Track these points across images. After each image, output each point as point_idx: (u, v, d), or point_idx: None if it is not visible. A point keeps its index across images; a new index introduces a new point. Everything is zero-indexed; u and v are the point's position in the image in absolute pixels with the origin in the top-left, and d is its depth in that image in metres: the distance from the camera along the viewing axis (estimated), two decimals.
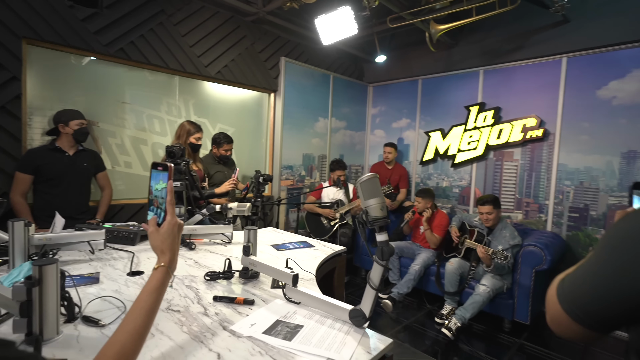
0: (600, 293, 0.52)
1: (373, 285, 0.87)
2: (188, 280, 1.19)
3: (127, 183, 2.88)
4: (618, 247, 0.51)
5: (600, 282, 0.52)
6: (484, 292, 2.72)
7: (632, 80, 2.83)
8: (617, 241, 0.52)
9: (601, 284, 0.52)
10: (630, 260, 0.49)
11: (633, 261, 0.48)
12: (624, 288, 0.49)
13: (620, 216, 0.56)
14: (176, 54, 2.93)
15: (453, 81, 3.95)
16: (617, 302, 0.50)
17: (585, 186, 3.09)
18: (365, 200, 0.85)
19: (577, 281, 0.57)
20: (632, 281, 0.48)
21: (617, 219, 0.54)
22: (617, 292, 0.50)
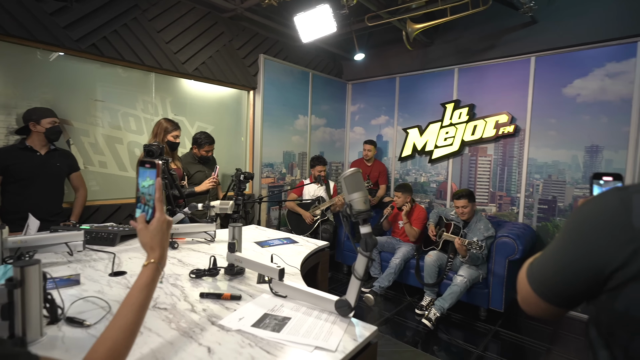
0: (564, 273, 0.57)
1: (358, 276, 0.90)
2: (173, 279, 1.19)
3: (102, 183, 2.79)
4: (577, 232, 0.56)
5: (563, 263, 0.58)
6: (461, 283, 2.83)
7: (594, 79, 3.00)
8: (577, 226, 0.57)
9: (564, 265, 0.57)
10: (588, 243, 0.54)
11: (590, 244, 0.53)
12: (583, 268, 0.54)
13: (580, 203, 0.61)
14: (152, 50, 2.86)
15: (429, 79, 4.05)
16: (578, 280, 0.55)
17: (553, 179, 3.26)
18: (349, 194, 0.88)
19: (543, 263, 0.62)
20: (590, 262, 0.53)
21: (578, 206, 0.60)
22: (578, 272, 0.55)
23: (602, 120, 2.98)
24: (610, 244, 0.51)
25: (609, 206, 0.53)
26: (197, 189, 2.67)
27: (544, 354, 2.52)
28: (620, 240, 0.50)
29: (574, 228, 0.58)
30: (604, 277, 0.52)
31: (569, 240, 0.58)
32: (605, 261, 0.51)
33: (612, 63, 2.92)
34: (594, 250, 0.53)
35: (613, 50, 2.91)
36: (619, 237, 0.50)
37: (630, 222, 0.49)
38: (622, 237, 0.49)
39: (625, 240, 0.49)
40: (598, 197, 0.56)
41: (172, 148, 2.56)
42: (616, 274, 0.50)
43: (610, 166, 2.94)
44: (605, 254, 0.51)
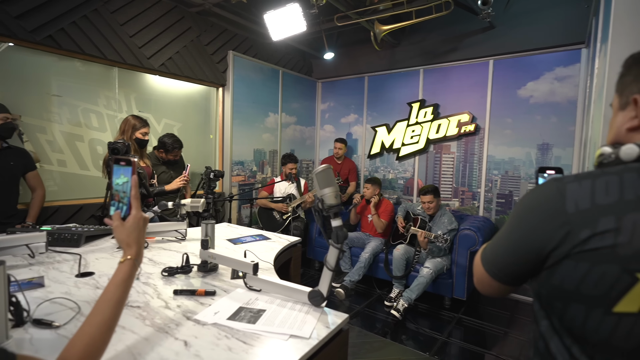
0: (511, 255, 0.65)
1: (329, 267, 0.95)
2: (145, 278, 1.18)
3: (62, 183, 2.66)
4: (521, 218, 0.64)
5: (510, 246, 0.65)
6: (427, 274, 2.97)
7: (545, 82, 3.25)
8: (521, 213, 0.65)
9: (511, 248, 0.65)
10: (530, 228, 0.61)
11: (532, 228, 0.61)
12: (527, 249, 0.62)
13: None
14: (114, 43, 2.75)
15: (396, 79, 4.19)
16: (522, 260, 0.63)
17: (509, 175, 3.49)
18: (321, 189, 0.93)
19: (494, 247, 0.70)
20: (532, 244, 0.61)
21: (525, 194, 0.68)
22: (522, 253, 0.63)
23: (552, 120, 3.23)
24: (548, 228, 0.58)
25: (546, 195, 0.60)
26: (167, 187, 2.60)
27: (502, 337, 2.71)
28: (555, 224, 0.57)
29: (518, 215, 0.65)
30: (543, 257, 0.60)
31: (514, 226, 0.65)
32: (544, 243, 0.59)
33: (560, 67, 3.17)
34: (535, 234, 0.60)
35: (561, 56, 3.16)
36: (554, 222, 0.57)
37: (564, 208, 0.57)
38: (557, 221, 0.57)
39: (560, 223, 0.57)
40: (538, 187, 0.64)
41: (140, 146, 2.49)
42: (553, 253, 0.58)
43: (559, 162, 3.20)
44: (544, 237, 0.59)
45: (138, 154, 2.47)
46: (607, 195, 0.54)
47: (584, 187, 0.56)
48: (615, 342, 0.52)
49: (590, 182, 0.56)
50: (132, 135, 2.42)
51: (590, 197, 0.55)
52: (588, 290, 0.53)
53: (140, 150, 2.51)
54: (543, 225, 0.59)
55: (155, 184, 2.67)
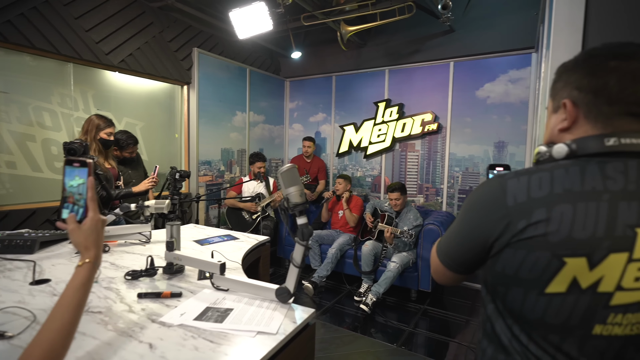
0: (461, 245, 0.71)
1: (296, 264, 0.97)
2: (107, 282, 1.14)
3: (12, 186, 2.48)
4: (469, 211, 0.70)
5: (460, 239, 0.71)
6: (394, 268, 3.08)
7: (500, 83, 3.46)
8: (468, 207, 0.71)
9: (461, 240, 0.71)
10: (476, 220, 0.67)
11: (478, 220, 0.67)
12: (474, 240, 0.68)
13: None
14: (69, 38, 2.61)
15: (363, 79, 4.28)
16: (471, 251, 0.69)
17: (469, 171, 3.69)
18: (286, 188, 0.95)
19: (447, 240, 0.75)
20: (479, 235, 0.67)
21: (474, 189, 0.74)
22: (471, 244, 0.69)
23: (507, 120, 3.44)
24: (491, 220, 0.64)
25: (490, 191, 0.66)
26: (134, 189, 2.50)
27: (464, 324, 2.87)
28: (497, 216, 0.63)
29: (466, 210, 0.71)
30: (488, 246, 0.66)
31: (463, 220, 0.71)
32: (488, 234, 0.65)
33: (514, 70, 3.39)
34: (481, 226, 0.66)
35: (514, 59, 3.38)
36: (497, 214, 0.63)
37: (505, 202, 0.63)
38: (499, 214, 0.63)
39: (501, 216, 0.63)
40: (484, 184, 0.70)
41: (105, 146, 2.37)
42: (496, 242, 0.64)
43: (514, 159, 3.42)
44: (488, 228, 0.65)
45: (103, 154, 2.36)
46: (540, 189, 0.60)
47: (522, 182, 0.63)
48: (547, 319, 0.59)
49: (527, 178, 0.62)
50: (96, 135, 2.31)
51: (527, 191, 0.61)
52: (525, 275, 0.60)
53: (106, 151, 2.40)
54: (487, 218, 0.65)
55: (121, 186, 2.57)
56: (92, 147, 2.28)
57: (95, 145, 2.30)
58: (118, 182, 2.57)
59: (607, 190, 0.57)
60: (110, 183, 2.39)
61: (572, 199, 0.57)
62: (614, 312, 0.56)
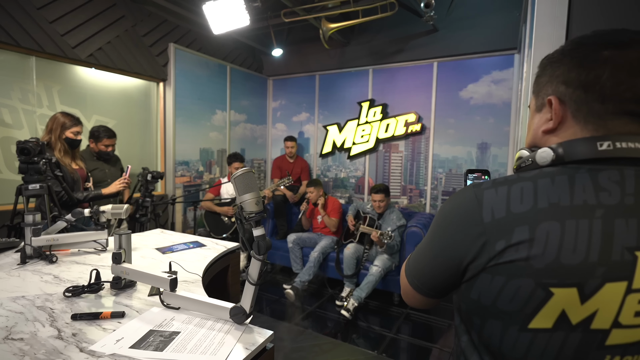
0: (431, 267, 0.61)
1: (252, 281, 0.87)
2: (41, 300, 1.02)
3: None
4: (440, 227, 0.61)
5: (430, 258, 0.62)
6: (376, 272, 3.00)
7: (483, 84, 3.42)
8: (439, 222, 0.61)
9: (431, 260, 0.61)
10: (448, 238, 0.58)
11: (449, 238, 0.58)
12: (446, 262, 0.58)
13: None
14: (30, 30, 2.44)
15: (347, 78, 4.19)
16: (442, 273, 0.60)
17: (453, 173, 3.64)
18: (240, 195, 0.84)
19: (416, 259, 0.66)
20: (451, 256, 0.57)
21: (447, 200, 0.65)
22: (442, 266, 0.59)
23: (490, 121, 3.41)
24: (465, 239, 0.55)
25: (464, 203, 0.57)
26: (104, 191, 2.35)
27: (446, 329, 2.81)
28: (472, 234, 0.54)
29: (437, 225, 0.62)
30: (462, 269, 0.56)
31: (434, 236, 0.62)
32: (462, 254, 0.55)
33: (497, 71, 3.35)
34: (453, 245, 0.57)
35: (497, 60, 3.34)
36: (471, 232, 0.54)
37: (481, 217, 0.53)
38: (474, 232, 0.54)
39: (476, 234, 0.53)
40: (457, 195, 0.60)
41: (72, 146, 2.22)
42: (471, 265, 0.54)
43: (496, 161, 3.39)
44: (462, 248, 0.55)
45: (69, 155, 2.21)
46: (521, 202, 0.51)
47: (500, 193, 0.53)
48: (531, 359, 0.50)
49: (507, 189, 0.53)
50: (62, 134, 2.16)
51: (506, 205, 0.52)
52: (504, 306, 0.50)
53: (72, 151, 2.25)
54: (460, 235, 0.56)
55: (90, 188, 2.41)
56: (57, 146, 2.13)
57: (61, 144, 2.15)
58: (87, 184, 2.42)
59: (600, 204, 0.48)
60: (78, 185, 2.24)
61: (559, 216, 0.48)
62: (610, 353, 0.47)
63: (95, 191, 2.30)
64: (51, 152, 2.10)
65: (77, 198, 2.15)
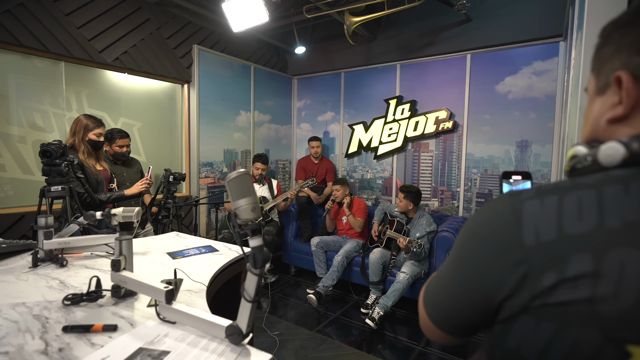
0: (454, 299, 0.48)
1: (248, 297, 0.76)
2: (39, 308, 0.97)
3: (1, 190, 2.40)
4: (466, 248, 0.47)
5: (453, 289, 0.48)
6: (403, 280, 2.82)
7: (523, 77, 3.13)
8: (466, 241, 0.47)
9: (454, 292, 0.48)
10: (476, 263, 0.44)
11: (478, 264, 0.44)
12: (473, 294, 0.45)
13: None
14: (59, 35, 2.51)
15: (373, 75, 4.03)
16: (468, 309, 0.46)
17: (488, 173, 3.37)
18: (234, 200, 0.74)
19: (437, 285, 0.52)
20: (479, 287, 0.44)
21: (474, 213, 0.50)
22: (468, 298, 0.46)
23: (531, 116, 3.12)
24: (498, 267, 0.41)
25: (496, 217, 0.43)
26: (127, 192, 2.37)
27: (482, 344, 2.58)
28: (508, 261, 0.40)
29: (462, 244, 0.48)
30: (494, 307, 0.43)
31: (457, 259, 0.48)
32: (493, 287, 0.42)
33: (538, 62, 3.05)
34: (481, 273, 0.43)
35: (539, 50, 3.05)
36: (506, 258, 0.40)
37: (520, 237, 0.40)
38: (511, 258, 0.40)
39: (514, 261, 0.40)
40: (489, 205, 0.46)
41: (95, 147, 2.25)
42: (506, 303, 0.41)
43: (538, 160, 3.09)
44: (493, 279, 0.42)
45: (93, 156, 2.24)
46: (580, 220, 0.37)
47: (548, 206, 0.39)
48: None
49: (557, 200, 0.39)
50: (85, 136, 2.19)
51: (557, 223, 0.38)
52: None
53: (96, 153, 2.28)
54: (491, 262, 0.42)
55: (115, 189, 2.44)
56: (80, 148, 2.16)
57: (84, 146, 2.18)
58: (112, 185, 2.45)
59: None
60: (102, 186, 2.27)
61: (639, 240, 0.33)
62: None
63: (118, 192, 2.32)
64: (76, 154, 2.13)
65: (100, 199, 2.17)
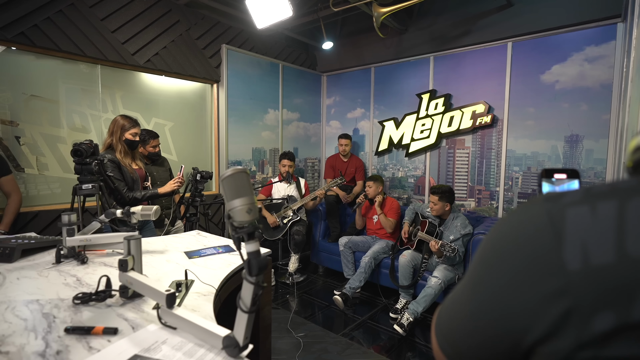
0: (466, 331, 0.37)
1: (244, 308, 0.70)
2: (50, 306, 0.97)
3: (43, 187, 2.55)
4: (488, 266, 0.36)
5: (469, 319, 0.37)
6: (435, 285, 2.65)
7: (573, 64, 2.83)
8: (486, 260, 0.36)
9: (467, 319, 0.37)
10: (495, 288, 0.34)
11: (499, 290, 0.33)
12: (492, 330, 0.34)
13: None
14: (94, 40, 2.61)
15: (404, 68, 3.85)
16: (485, 344, 0.35)
17: (532, 171, 3.09)
18: (228, 201, 0.68)
19: (450, 310, 0.42)
20: (501, 323, 0.33)
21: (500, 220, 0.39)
22: (484, 332, 0.35)
23: (582, 108, 2.81)
24: (528, 296, 0.31)
25: (529, 228, 0.32)
26: (160, 190, 2.43)
27: None
28: (542, 290, 0.30)
29: (482, 259, 0.37)
30: (523, 350, 0.32)
31: (476, 277, 0.38)
32: (522, 324, 0.31)
33: (592, 47, 2.74)
34: (506, 302, 0.33)
35: (592, 33, 2.73)
36: (541, 285, 0.30)
37: (561, 258, 0.29)
38: (546, 286, 0.29)
39: (551, 291, 0.29)
40: (519, 212, 0.36)
41: (131, 147, 2.32)
42: (541, 348, 0.30)
43: (591, 157, 2.78)
44: (522, 312, 0.31)
45: (129, 155, 2.31)
46: None
47: (603, 217, 0.28)
48: None
49: (616, 207, 0.28)
50: (122, 136, 2.26)
51: (616, 240, 0.27)
52: None
53: (132, 152, 2.35)
54: (519, 289, 0.31)
55: (149, 187, 2.51)
56: (117, 148, 2.23)
57: (121, 146, 2.24)
58: (146, 183, 2.51)
59: None
60: (137, 184, 2.32)
61: None
62: None
63: (152, 190, 2.36)
64: (113, 153, 2.19)
65: (135, 197, 2.22)
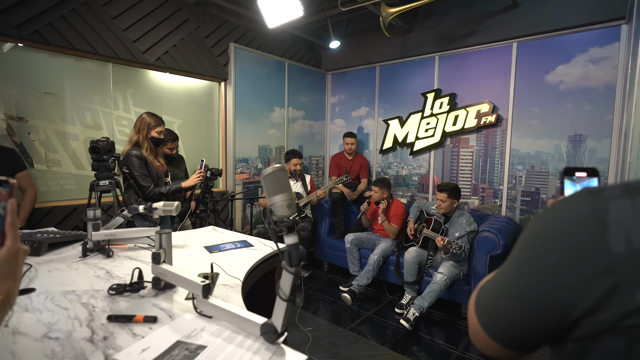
0: (515, 310, 0.42)
1: (283, 296, 0.75)
2: (87, 297, 1.02)
3: (56, 183, 2.59)
4: (533, 254, 0.41)
5: (514, 297, 0.42)
6: (440, 281, 2.71)
7: (577, 65, 2.88)
8: (532, 246, 0.41)
9: (516, 299, 0.42)
10: (547, 273, 0.39)
11: (550, 274, 0.38)
12: (540, 306, 0.39)
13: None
14: (106, 38, 2.64)
15: (410, 68, 3.90)
16: (533, 321, 0.40)
17: (536, 170, 3.15)
18: (270, 197, 0.72)
19: (493, 290, 0.47)
20: (550, 298, 0.38)
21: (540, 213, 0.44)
22: (533, 310, 0.40)
23: (586, 108, 2.86)
24: (576, 276, 0.36)
25: (575, 218, 0.38)
26: (183, 184, 2.46)
27: None
28: (590, 271, 0.35)
29: (528, 245, 0.42)
30: (569, 321, 0.37)
31: (523, 264, 0.42)
32: (570, 300, 0.36)
33: (596, 48, 2.79)
34: (553, 282, 0.38)
35: (596, 35, 2.78)
36: (588, 267, 0.35)
37: (606, 242, 0.34)
38: (593, 267, 0.35)
39: (598, 271, 0.34)
40: (562, 204, 0.41)
41: (156, 144, 2.36)
42: (586, 319, 0.35)
43: (594, 156, 2.84)
44: (570, 290, 0.36)
45: (153, 152, 2.34)
46: None
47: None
48: None
49: None
50: (148, 134, 2.29)
51: None
52: None
53: (156, 149, 2.39)
54: (567, 270, 0.36)
55: (169, 183, 2.55)
56: (144, 145, 2.26)
57: (147, 143, 2.28)
58: (167, 179, 2.55)
59: None
60: (162, 180, 2.36)
61: None
62: None
63: (176, 185, 2.39)
64: (139, 150, 2.22)
65: (160, 192, 2.26)
